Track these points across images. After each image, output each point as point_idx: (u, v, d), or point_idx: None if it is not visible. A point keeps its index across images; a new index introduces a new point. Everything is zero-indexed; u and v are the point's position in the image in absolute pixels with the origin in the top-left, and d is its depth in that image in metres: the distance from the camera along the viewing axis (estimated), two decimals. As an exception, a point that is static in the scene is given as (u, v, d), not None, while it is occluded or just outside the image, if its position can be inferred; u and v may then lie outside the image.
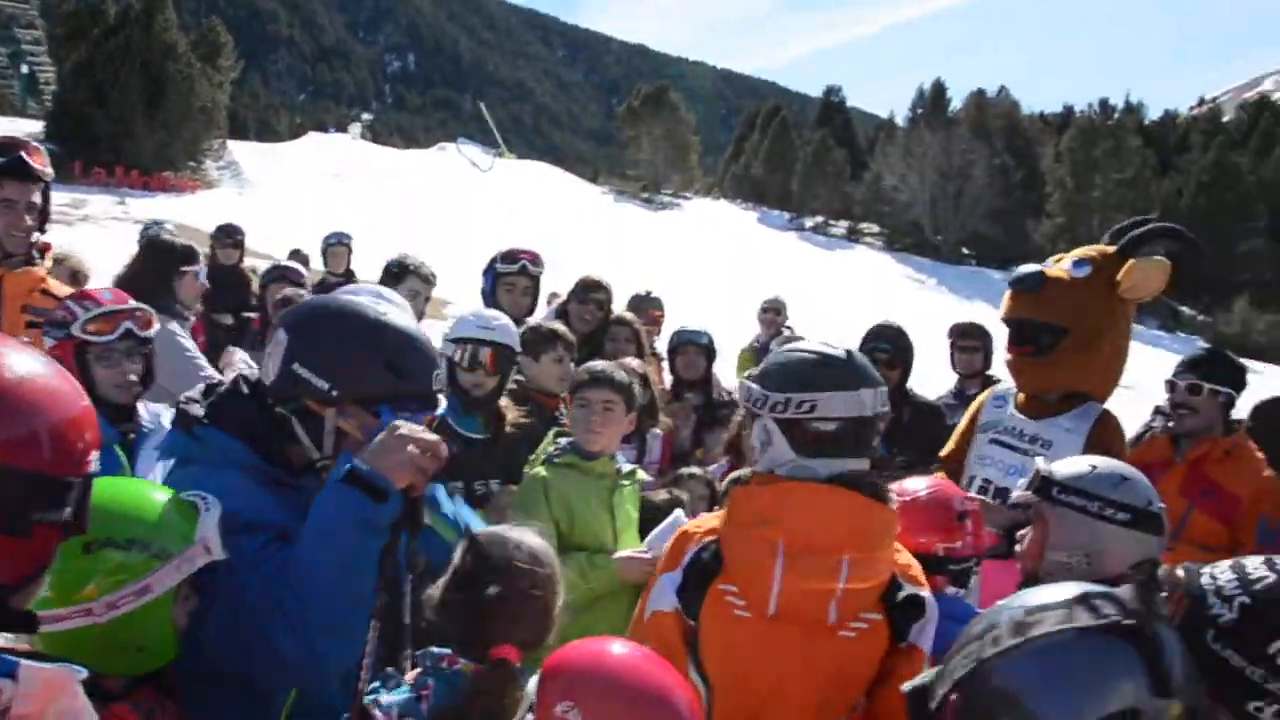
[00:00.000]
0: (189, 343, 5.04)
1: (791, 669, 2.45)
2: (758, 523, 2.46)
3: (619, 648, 1.84)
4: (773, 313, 8.70)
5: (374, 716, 2.14)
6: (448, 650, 2.24)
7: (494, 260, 5.68)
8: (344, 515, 2.07)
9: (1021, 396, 4.37)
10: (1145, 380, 7.27)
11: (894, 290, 44.83)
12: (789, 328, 7.67)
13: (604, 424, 3.76)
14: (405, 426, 2.12)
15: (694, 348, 6.18)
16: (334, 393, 2.20)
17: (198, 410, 2.30)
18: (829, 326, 7.24)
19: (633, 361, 4.56)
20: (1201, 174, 61.43)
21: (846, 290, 39.18)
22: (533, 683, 1.81)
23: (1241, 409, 6.47)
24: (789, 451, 2.52)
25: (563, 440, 3.85)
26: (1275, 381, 7.09)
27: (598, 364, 3.96)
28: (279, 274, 7.64)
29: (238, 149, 48.79)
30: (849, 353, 2.57)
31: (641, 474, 4.11)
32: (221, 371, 5.00)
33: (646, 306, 7.61)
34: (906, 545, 2.69)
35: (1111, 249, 4.40)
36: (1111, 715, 1.43)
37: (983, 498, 3.88)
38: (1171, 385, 4.31)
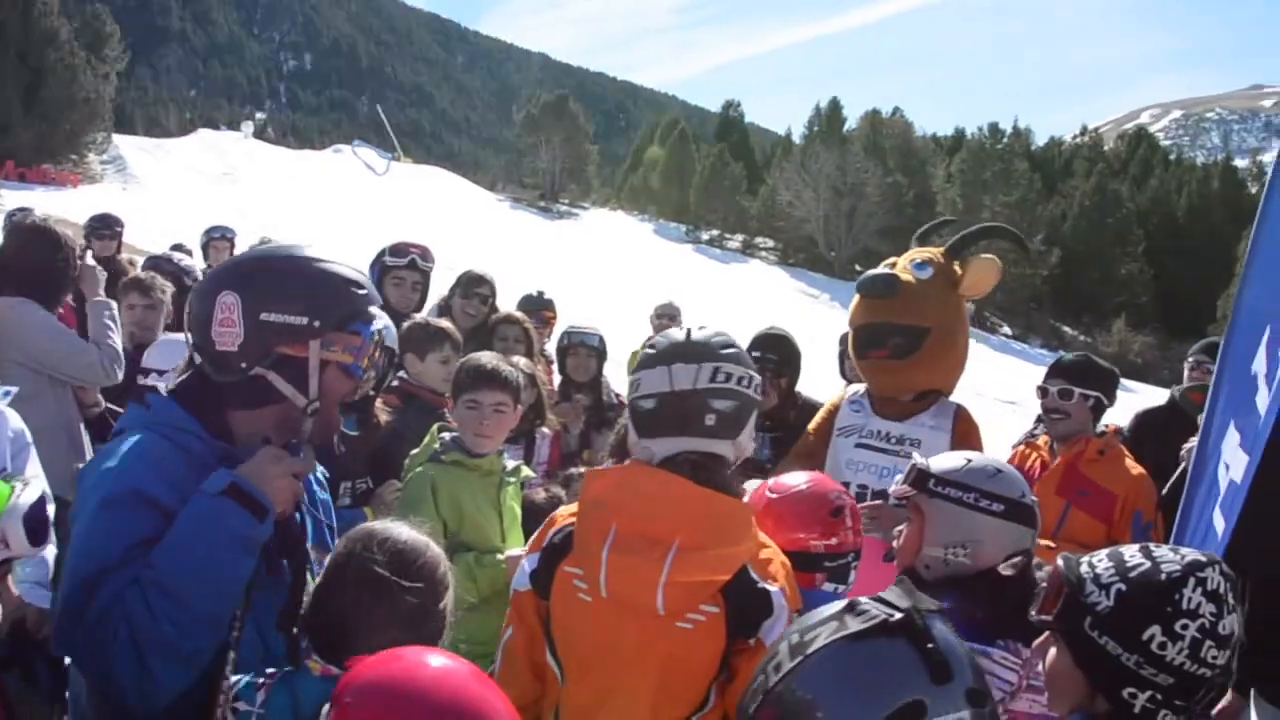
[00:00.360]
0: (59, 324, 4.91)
1: (627, 656, 2.38)
2: (597, 504, 2.45)
3: (433, 661, 1.62)
4: (667, 318, 8.64)
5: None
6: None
7: (382, 254, 5.55)
8: (219, 528, 1.96)
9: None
10: (1031, 398, 7.46)
11: (787, 304, 45.37)
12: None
13: (495, 427, 3.72)
14: (277, 451, 2.09)
15: (585, 349, 6.09)
16: (316, 324, 2.17)
17: (161, 386, 2.29)
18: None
19: (520, 360, 4.44)
20: (1084, 199, 63.55)
21: (741, 303, 39.51)
22: None
23: (1117, 419, 6.68)
24: (634, 433, 2.53)
25: (446, 436, 3.75)
26: (1150, 399, 7.43)
27: (485, 360, 3.83)
28: (157, 265, 7.30)
29: (123, 143, 47.35)
30: (688, 332, 2.52)
31: (526, 471, 4.06)
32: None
33: (538, 308, 7.52)
34: (780, 541, 2.63)
35: (933, 251, 4.57)
36: (900, 709, 1.44)
37: (879, 502, 3.85)
38: (1044, 391, 4.38)
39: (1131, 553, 1.89)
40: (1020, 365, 37.79)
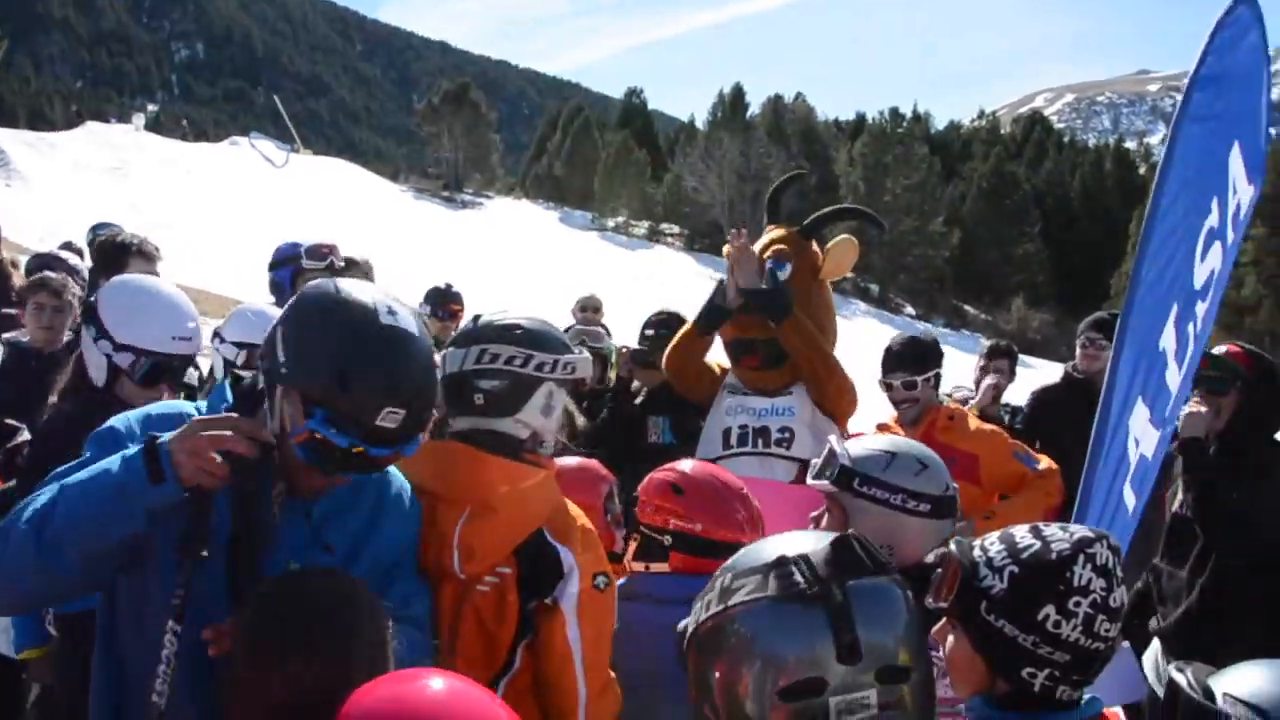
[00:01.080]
0: None
1: (447, 620, 2.49)
2: (415, 478, 2.48)
3: (434, 683, 1.61)
4: (591, 310, 8.51)
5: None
6: None
7: (297, 255, 5.39)
8: (113, 473, 1.93)
9: None
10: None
11: (695, 289, 45.43)
12: (604, 325, 7.51)
13: None
14: (215, 422, 1.99)
15: None
16: (284, 370, 2.05)
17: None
18: (630, 325, 7.15)
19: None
20: (982, 181, 64.92)
21: (649, 289, 39.56)
22: None
23: (1016, 397, 6.80)
24: None
25: None
26: (1047, 375, 7.56)
27: None
28: (44, 263, 6.95)
29: (4, 137, 45.58)
30: (475, 319, 2.69)
31: None
32: None
33: (445, 300, 7.38)
34: (647, 518, 2.98)
35: (784, 232, 4.72)
36: (798, 683, 1.48)
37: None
38: (888, 386, 4.48)
39: (1022, 534, 1.90)
40: (924, 345, 38.43)
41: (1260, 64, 3.34)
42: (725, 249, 4.61)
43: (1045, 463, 4.27)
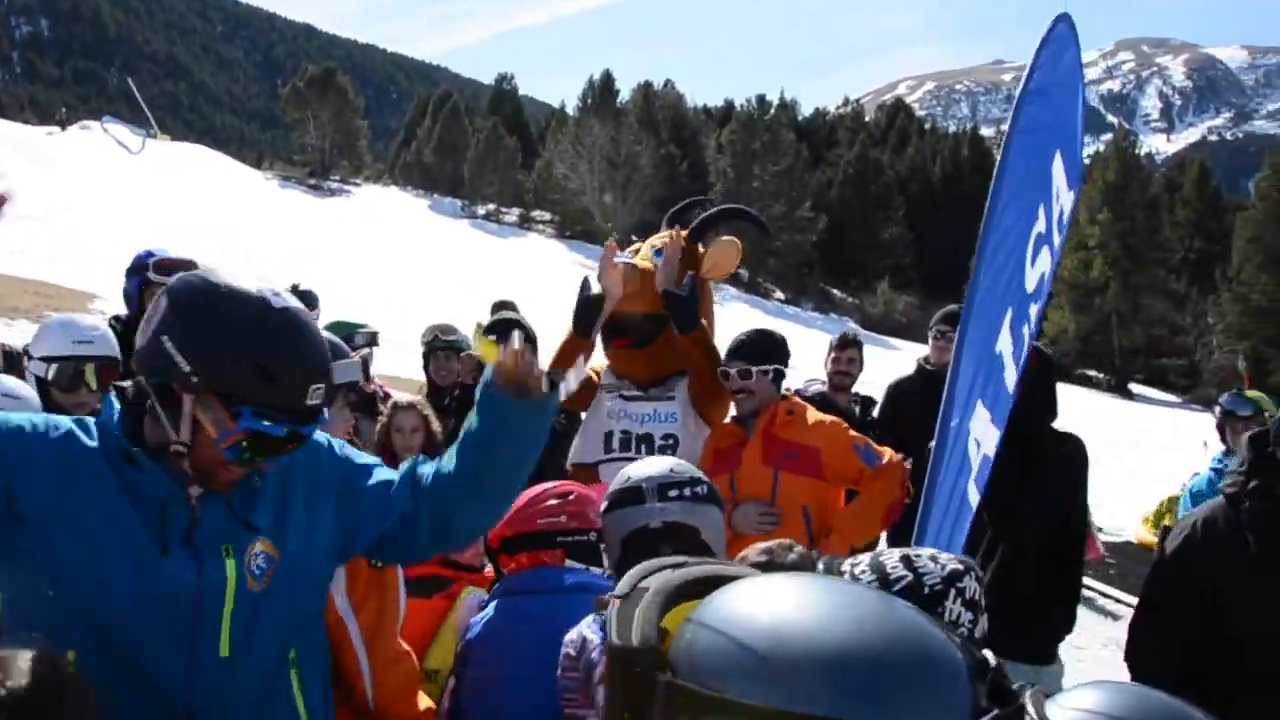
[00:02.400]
0: None
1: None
2: None
3: None
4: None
5: None
6: None
7: (144, 265, 5.18)
8: None
9: None
10: (804, 361, 7.66)
11: (566, 276, 45.38)
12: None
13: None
14: None
15: (364, 348, 5.88)
16: (194, 378, 1.97)
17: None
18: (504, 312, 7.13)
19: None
20: (848, 167, 66.25)
21: (520, 277, 39.36)
22: None
23: (880, 382, 6.93)
24: None
25: None
26: (913, 357, 7.75)
27: None
28: None
29: None
30: None
31: None
32: None
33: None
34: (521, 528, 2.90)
35: (669, 233, 4.69)
36: None
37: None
38: (725, 374, 4.37)
39: (893, 563, 1.91)
40: (794, 328, 38.96)
41: (1077, 78, 3.50)
42: (609, 245, 4.60)
43: (887, 456, 4.25)
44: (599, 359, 4.66)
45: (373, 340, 6.18)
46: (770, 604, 0.99)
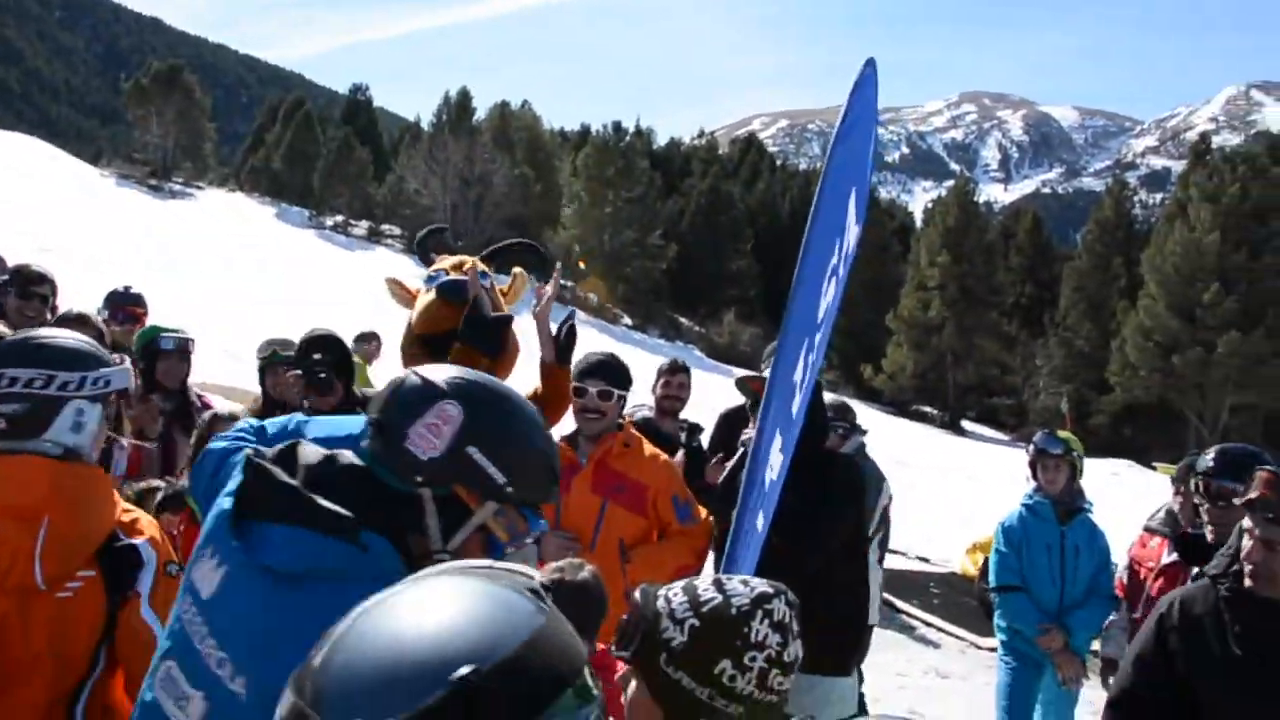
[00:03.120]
0: None
1: (13, 638, 2.45)
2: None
3: None
4: (365, 342, 7.88)
5: None
6: None
7: None
8: None
9: None
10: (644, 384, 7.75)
11: (413, 290, 44.75)
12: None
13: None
14: None
15: (176, 353, 5.65)
16: (509, 489, 1.97)
17: (337, 508, 1.87)
18: (347, 327, 6.93)
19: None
20: (700, 198, 67.19)
21: (368, 291, 38.66)
22: None
23: (720, 408, 7.02)
24: None
25: None
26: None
27: None
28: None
29: None
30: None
31: None
32: None
33: (125, 303, 6.81)
34: None
35: (473, 259, 4.58)
36: None
37: None
38: (582, 391, 4.31)
39: (705, 586, 1.94)
40: (640, 354, 39.30)
41: (872, 115, 3.64)
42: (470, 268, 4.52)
43: (701, 516, 4.29)
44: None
45: (184, 347, 5.91)
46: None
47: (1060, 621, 5.65)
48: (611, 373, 4.38)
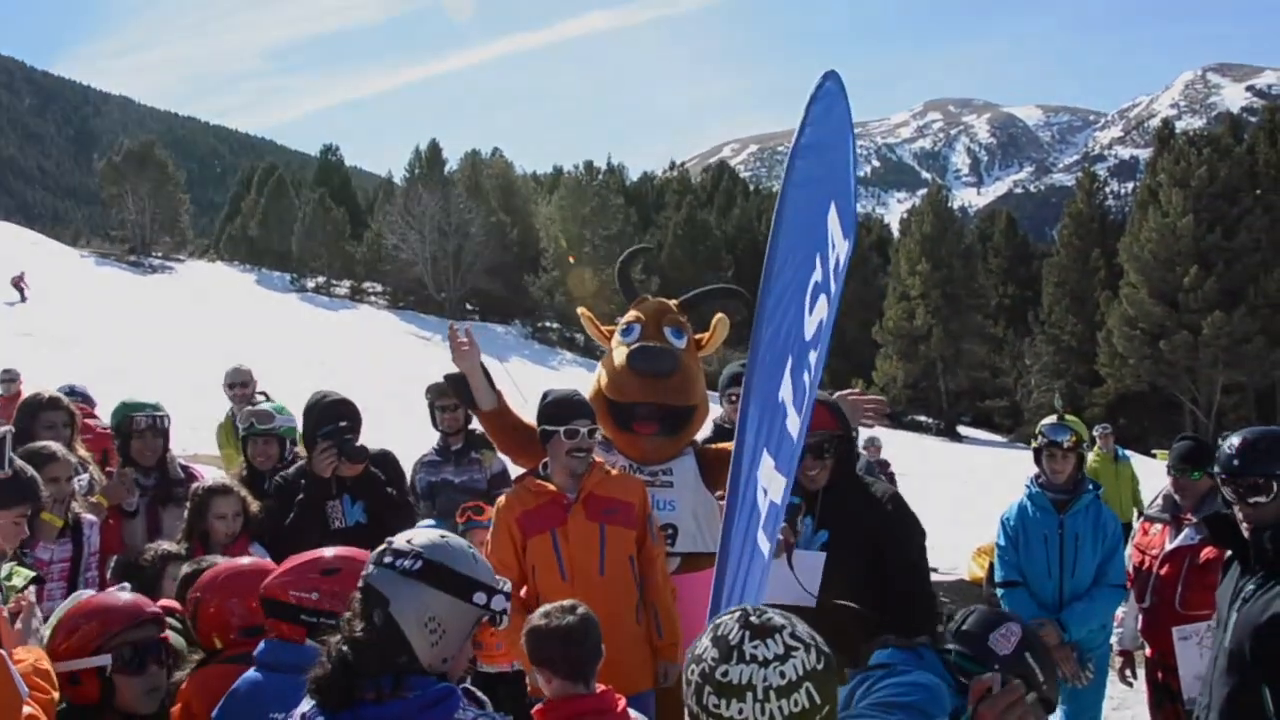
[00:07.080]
0: None
1: None
2: None
3: None
4: (240, 385, 7.93)
5: None
6: None
7: None
8: None
9: None
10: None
11: (400, 347, 44.86)
12: (263, 394, 7.14)
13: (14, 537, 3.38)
14: None
15: (151, 432, 5.57)
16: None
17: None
18: (337, 386, 6.89)
19: (55, 447, 4.02)
20: (677, 229, 67.32)
21: (353, 350, 38.65)
22: None
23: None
24: None
25: None
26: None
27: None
28: None
29: None
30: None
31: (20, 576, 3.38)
32: None
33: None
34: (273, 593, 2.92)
35: (674, 304, 5.04)
36: None
37: None
38: (573, 433, 4.31)
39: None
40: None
41: (847, 131, 3.64)
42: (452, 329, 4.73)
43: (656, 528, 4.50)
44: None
45: (157, 424, 5.72)
46: None
47: (1058, 616, 5.50)
48: (590, 411, 4.42)
